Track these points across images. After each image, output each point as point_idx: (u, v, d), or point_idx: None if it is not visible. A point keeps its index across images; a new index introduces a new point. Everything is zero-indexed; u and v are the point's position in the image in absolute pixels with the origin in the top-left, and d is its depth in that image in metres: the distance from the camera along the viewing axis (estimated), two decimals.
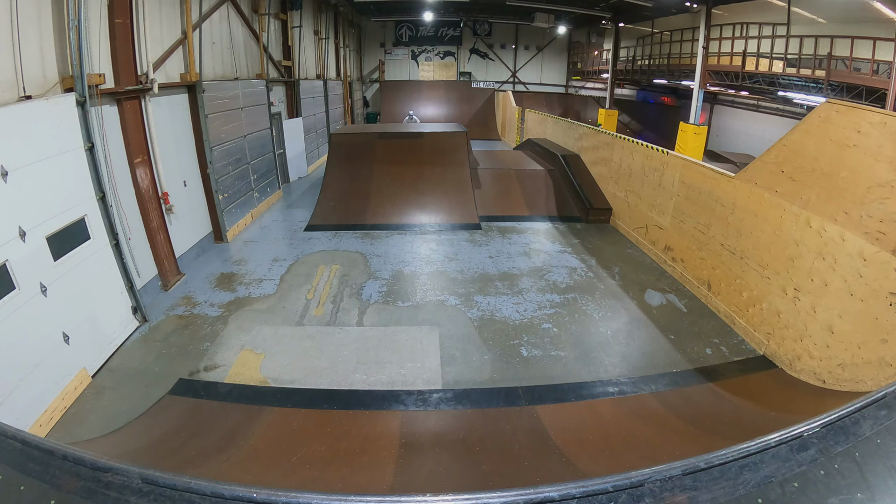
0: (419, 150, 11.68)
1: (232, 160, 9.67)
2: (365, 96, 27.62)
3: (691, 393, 5.10)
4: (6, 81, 4.68)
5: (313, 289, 7.34)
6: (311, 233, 9.86)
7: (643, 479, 1.14)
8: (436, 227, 10.28)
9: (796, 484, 1.13)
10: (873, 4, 10.87)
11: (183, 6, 8.07)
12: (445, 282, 7.64)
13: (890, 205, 4.40)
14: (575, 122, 14.67)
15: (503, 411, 4.82)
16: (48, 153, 4.90)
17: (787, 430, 1.25)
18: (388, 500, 1.52)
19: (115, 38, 6.32)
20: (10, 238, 4.34)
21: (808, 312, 5.15)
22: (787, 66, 12.47)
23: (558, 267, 8.29)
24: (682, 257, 7.78)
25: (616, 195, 10.56)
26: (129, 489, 1.35)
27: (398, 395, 4.97)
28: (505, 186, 11.95)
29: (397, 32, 27.41)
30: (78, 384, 4.95)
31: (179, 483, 1.32)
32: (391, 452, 4.08)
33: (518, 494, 1.12)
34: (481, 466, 3.92)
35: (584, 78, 26.32)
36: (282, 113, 13.82)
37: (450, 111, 26.32)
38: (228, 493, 1.27)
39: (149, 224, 6.95)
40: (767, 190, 5.91)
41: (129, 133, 6.57)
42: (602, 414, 4.78)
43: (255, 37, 11.57)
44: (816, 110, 5.31)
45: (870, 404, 1.32)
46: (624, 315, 6.70)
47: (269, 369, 5.36)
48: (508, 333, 6.15)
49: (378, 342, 5.91)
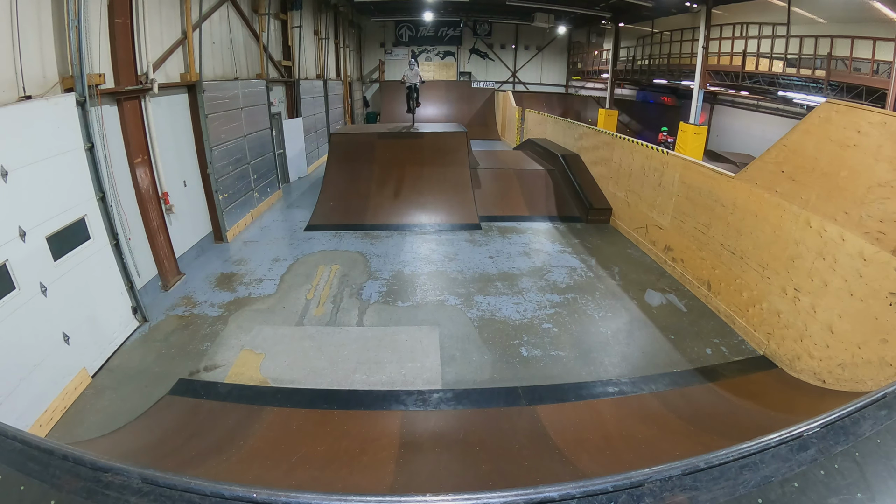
0: (419, 150, 11.68)
1: (232, 160, 9.67)
2: (365, 96, 27.62)
3: (691, 393, 5.10)
4: (6, 81, 4.68)
5: (313, 289, 7.34)
6: (311, 233, 9.86)
7: (643, 479, 1.14)
8: (436, 227, 10.28)
9: (796, 484, 1.13)
10: (873, 4, 10.87)
11: (183, 6, 8.07)
12: (445, 282, 7.64)
13: (890, 205, 4.40)
14: (575, 121, 14.67)
15: (503, 411, 4.82)
16: (48, 153, 4.90)
17: (787, 430, 1.25)
18: (388, 500, 1.52)
19: (115, 37, 6.32)
20: (10, 238, 4.34)
21: (808, 312, 5.15)
22: (787, 66, 12.47)
23: (558, 267, 8.29)
24: (682, 257, 7.78)
25: (616, 195, 10.56)
26: (129, 489, 1.35)
27: (398, 395, 4.97)
28: (505, 186, 11.95)
29: (397, 32, 27.40)
30: (78, 384, 4.95)
31: (179, 483, 1.32)
32: (391, 452, 4.08)
33: (518, 494, 1.12)
34: (481, 466, 3.92)
35: (584, 78, 26.31)
36: (282, 113, 13.82)
37: (450, 111, 26.30)
38: (228, 493, 1.27)
39: (149, 224, 6.95)
40: (767, 190, 5.91)
41: (129, 133, 6.57)
42: (602, 414, 4.78)
43: (255, 37, 11.57)
44: (816, 110, 5.31)
45: (870, 404, 1.31)
46: (624, 315, 6.70)
47: (269, 369, 5.37)
48: (508, 333, 6.15)
49: (378, 342, 5.91)
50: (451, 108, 26.43)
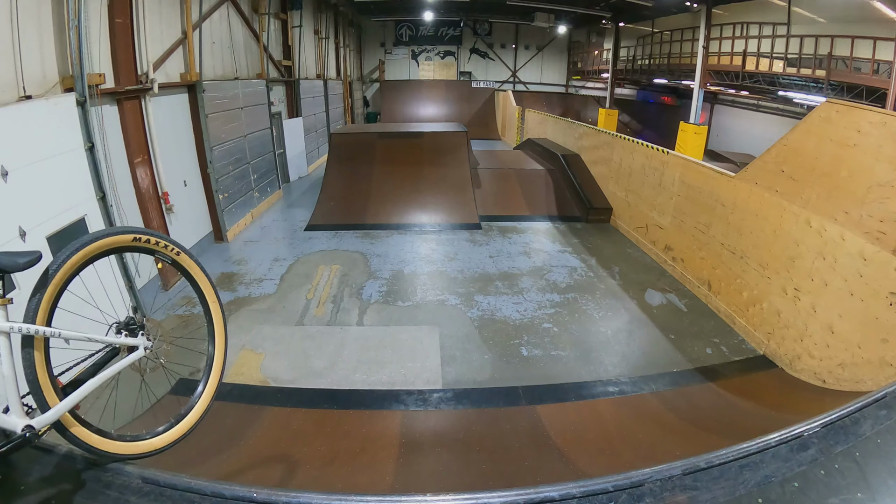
0: (419, 150, 11.67)
1: (232, 160, 9.66)
2: (365, 96, 27.60)
3: (691, 393, 5.10)
4: (6, 81, 4.68)
5: (313, 288, 7.34)
6: (312, 232, 9.86)
7: (643, 479, 1.15)
8: (436, 226, 10.28)
9: (796, 484, 1.13)
10: (873, 4, 10.86)
11: (183, 6, 8.07)
12: (446, 281, 7.64)
13: (890, 204, 4.40)
14: (575, 121, 14.66)
15: (503, 411, 4.82)
16: (48, 153, 4.90)
17: (788, 430, 1.25)
18: (388, 500, 1.53)
19: (115, 37, 6.32)
20: (10, 238, 4.34)
21: (809, 312, 5.15)
22: (788, 66, 12.46)
23: (558, 266, 8.29)
24: (682, 257, 7.78)
25: (616, 195, 10.55)
26: (130, 489, 1.36)
27: (398, 394, 4.97)
28: (505, 186, 11.95)
29: (397, 32, 27.37)
30: None
31: (179, 483, 1.32)
32: (391, 452, 4.08)
33: (518, 494, 1.12)
34: (481, 466, 3.92)
35: (584, 77, 26.29)
36: (282, 112, 13.82)
37: (450, 111, 26.29)
38: (229, 492, 1.27)
39: (149, 224, 6.95)
40: (768, 190, 5.91)
41: (129, 133, 6.57)
42: (602, 414, 4.78)
43: (255, 36, 11.57)
44: (817, 110, 5.31)
45: (870, 404, 1.32)
46: (624, 315, 6.70)
47: (269, 369, 5.36)
48: (509, 333, 6.15)
49: (378, 342, 5.91)
50: (451, 108, 26.42)
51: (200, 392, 1.93)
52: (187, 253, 1.91)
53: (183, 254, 1.88)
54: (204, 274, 2.05)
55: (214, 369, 2.01)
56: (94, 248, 1.50)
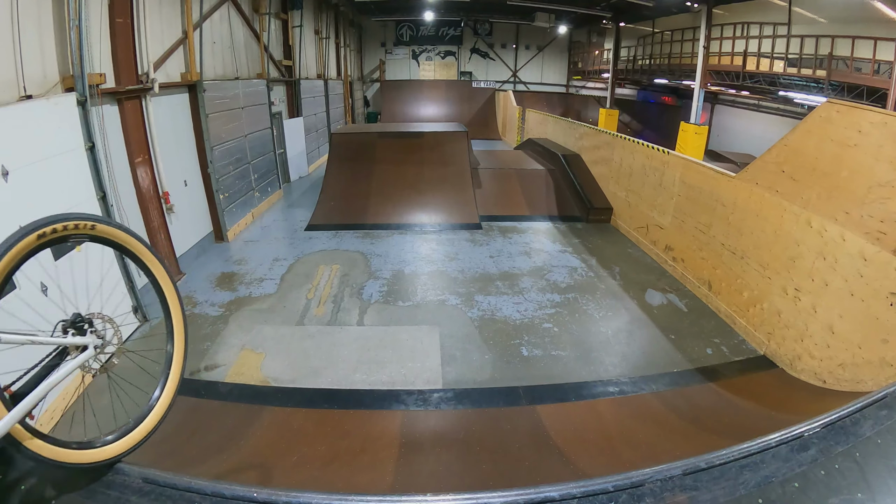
0: (419, 150, 11.67)
1: (232, 160, 9.67)
2: (365, 96, 27.61)
3: (692, 393, 5.10)
4: (7, 81, 4.68)
5: (314, 288, 7.34)
6: (312, 232, 9.86)
7: (643, 479, 1.15)
8: (436, 226, 10.28)
9: (797, 484, 1.13)
10: (874, 4, 10.85)
11: (183, 6, 8.07)
12: (446, 281, 7.64)
13: (890, 205, 4.39)
14: (575, 121, 14.65)
15: (503, 411, 4.82)
16: (49, 153, 4.90)
17: (788, 430, 1.25)
18: (388, 500, 1.53)
19: (115, 37, 6.33)
20: None
21: (809, 312, 5.15)
22: (788, 66, 12.46)
23: (559, 266, 8.29)
24: (682, 257, 7.77)
25: (616, 195, 10.55)
26: (130, 489, 1.36)
27: (398, 394, 4.97)
28: (505, 186, 11.94)
29: (398, 32, 27.38)
30: (78, 383, 4.95)
31: (180, 483, 1.32)
32: (391, 452, 4.09)
33: (518, 494, 1.12)
34: (482, 466, 3.93)
35: (584, 77, 26.28)
36: (282, 112, 13.82)
37: (450, 111, 26.28)
38: (229, 492, 1.27)
39: (149, 223, 6.96)
40: (768, 190, 5.90)
41: (129, 132, 6.57)
42: (602, 414, 4.77)
43: (255, 36, 11.57)
44: (817, 110, 5.30)
45: (870, 404, 1.32)
46: (624, 315, 6.70)
47: (269, 369, 5.37)
48: (509, 333, 6.15)
49: (379, 342, 5.91)
50: (452, 108, 26.41)
51: (158, 396, 1.78)
52: (106, 222, 1.63)
53: (100, 224, 1.57)
54: (143, 245, 1.76)
55: (174, 370, 1.86)
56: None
